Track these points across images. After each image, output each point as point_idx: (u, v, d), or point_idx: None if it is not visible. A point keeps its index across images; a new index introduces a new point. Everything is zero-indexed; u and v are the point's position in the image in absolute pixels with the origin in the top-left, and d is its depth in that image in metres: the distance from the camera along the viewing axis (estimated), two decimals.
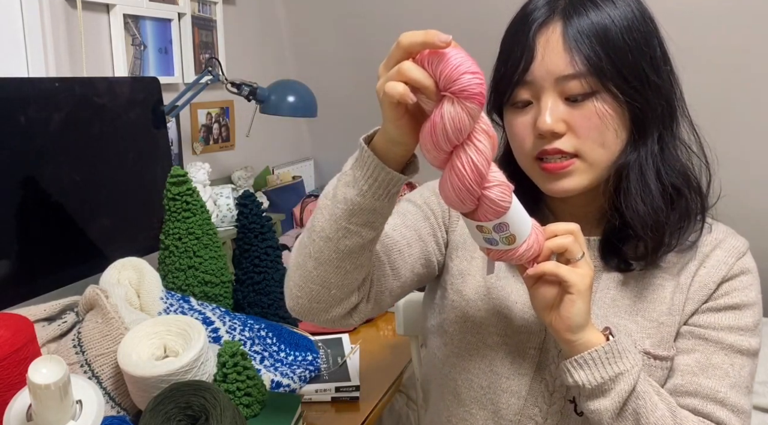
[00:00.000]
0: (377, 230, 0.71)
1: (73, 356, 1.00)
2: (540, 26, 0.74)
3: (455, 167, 0.60)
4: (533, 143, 0.76)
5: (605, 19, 0.73)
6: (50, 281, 1.22)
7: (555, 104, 0.73)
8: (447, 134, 0.58)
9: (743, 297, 0.79)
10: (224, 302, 1.29)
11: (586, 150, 0.74)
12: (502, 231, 0.65)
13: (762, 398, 1.51)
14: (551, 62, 0.73)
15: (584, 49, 0.72)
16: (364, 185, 0.66)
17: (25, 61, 1.40)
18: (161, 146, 1.52)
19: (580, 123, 0.73)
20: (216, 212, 1.79)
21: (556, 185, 0.76)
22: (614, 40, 0.72)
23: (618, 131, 0.75)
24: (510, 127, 0.79)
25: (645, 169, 0.76)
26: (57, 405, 0.74)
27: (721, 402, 0.75)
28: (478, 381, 0.83)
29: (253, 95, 1.64)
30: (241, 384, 0.97)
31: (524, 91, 0.76)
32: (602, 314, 0.81)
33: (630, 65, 0.73)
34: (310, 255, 0.72)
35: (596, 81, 0.72)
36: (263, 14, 2.33)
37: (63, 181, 1.24)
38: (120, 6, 1.60)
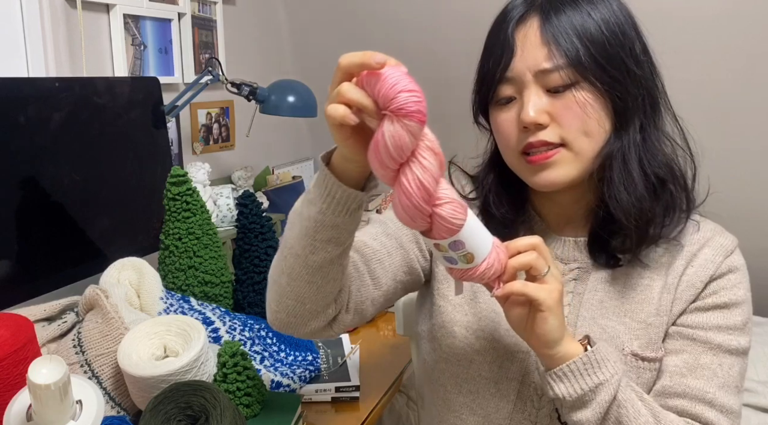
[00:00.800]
0: (344, 245, 0.71)
1: (73, 356, 1.00)
2: (518, 22, 0.76)
3: (402, 185, 0.60)
4: (518, 138, 0.77)
5: (582, 13, 0.75)
6: (50, 281, 1.22)
7: (537, 97, 0.75)
8: (389, 153, 0.58)
9: (731, 296, 0.79)
10: (224, 302, 1.29)
11: (570, 139, 0.75)
12: (459, 249, 0.64)
13: (762, 398, 1.51)
14: (530, 57, 0.74)
15: (562, 41, 0.73)
16: (323, 204, 0.67)
17: (25, 61, 1.40)
18: (161, 146, 1.52)
19: (563, 113, 0.74)
20: (216, 212, 1.79)
21: (542, 178, 0.77)
22: (592, 32, 0.74)
23: (600, 121, 0.76)
24: (496, 124, 0.80)
25: (627, 158, 0.77)
26: (57, 405, 0.74)
27: (710, 403, 0.75)
28: (467, 386, 0.83)
29: (253, 95, 1.64)
30: (241, 384, 0.97)
31: (507, 88, 0.77)
32: (590, 316, 0.81)
33: (608, 56, 0.74)
34: (283, 271, 0.74)
35: (575, 72, 0.73)
36: (263, 14, 2.33)
37: (63, 181, 1.24)
38: (120, 6, 1.60)
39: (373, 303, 0.83)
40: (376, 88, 0.58)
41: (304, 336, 0.78)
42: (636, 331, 0.79)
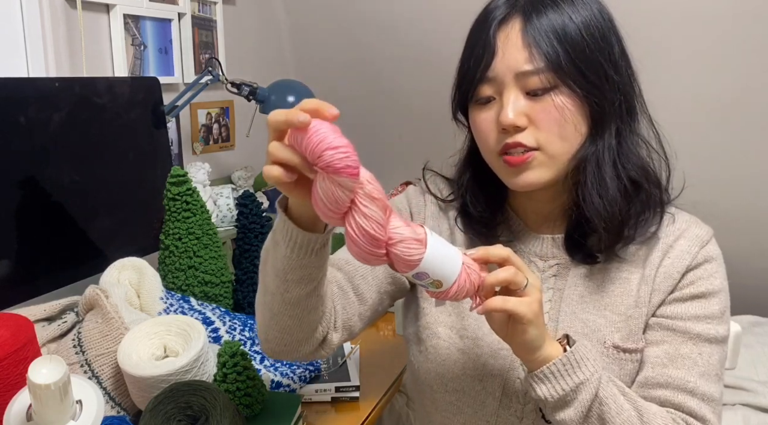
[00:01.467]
0: (316, 280, 0.72)
1: (73, 356, 1.00)
2: (500, 23, 0.76)
3: (348, 233, 0.61)
4: (496, 138, 0.78)
5: (564, 16, 0.75)
6: (50, 281, 1.22)
7: (516, 99, 0.75)
8: (327, 206, 0.59)
9: (708, 286, 0.80)
10: (224, 302, 1.29)
11: (546, 143, 0.76)
12: (424, 279, 0.65)
13: (762, 398, 1.51)
14: (511, 58, 0.75)
15: (543, 45, 0.74)
16: (287, 248, 0.68)
17: (25, 61, 1.40)
18: (161, 146, 1.52)
19: (541, 116, 0.75)
20: (216, 212, 1.79)
21: (519, 179, 0.78)
22: (572, 37, 0.74)
23: (577, 125, 0.76)
24: (474, 123, 0.81)
25: (601, 162, 0.78)
26: (57, 405, 0.74)
27: (692, 392, 0.76)
28: (453, 385, 0.84)
29: (253, 95, 1.64)
30: (241, 384, 0.97)
31: (487, 88, 0.78)
32: (570, 310, 0.82)
33: (588, 61, 0.75)
34: (264, 306, 0.76)
35: (554, 76, 0.74)
36: (263, 14, 2.33)
37: (63, 181, 1.24)
38: (120, 6, 1.60)
39: (361, 318, 0.85)
40: (303, 145, 0.57)
41: (297, 360, 0.80)
42: (617, 324, 0.80)
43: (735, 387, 1.55)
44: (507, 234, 0.88)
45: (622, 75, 0.78)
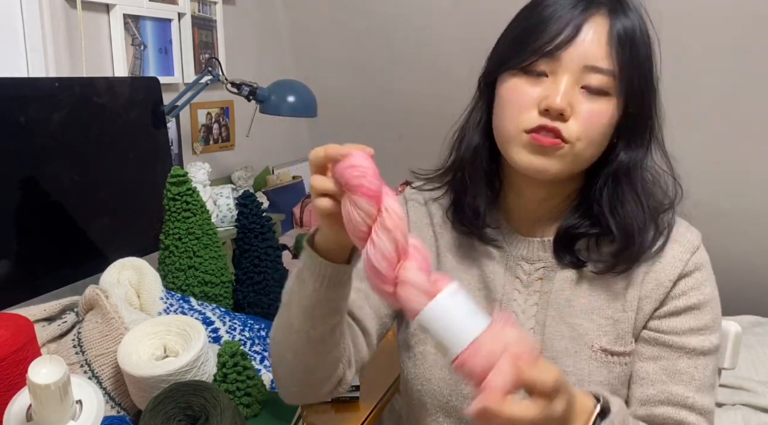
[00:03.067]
0: (340, 313, 0.75)
1: (73, 356, 1.00)
2: (588, 13, 0.74)
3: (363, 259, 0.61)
4: (534, 116, 0.74)
5: (638, 26, 0.75)
6: (50, 281, 1.22)
7: (571, 88, 0.74)
8: (349, 228, 0.61)
9: (700, 296, 0.80)
10: (224, 302, 1.29)
11: (578, 141, 0.74)
12: (426, 333, 0.59)
13: (762, 398, 1.51)
14: (590, 49, 0.73)
15: (624, 50, 0.73)
16: (315, 283, 0.70)
17: (25, 61, 1.40)
18: (161, 146, 1.52)
19: (587, 116, 0.74)
20: (216, 212, 1.79)
21: (540, 161, 0.75)
22: (641, 50, 0.75)
23: (607, 137, 0.77)
24: (510, 93, 0.77)
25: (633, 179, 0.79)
26: (57, 405, 0.74)
27: (691, 407, 0.77)
28: (440, 389, 0.84)
29: (253, 95, 1.64)
30: (241, 384, 0.97)
31: (546, 64, 0.74)
32: (558, 315, 0.82)
33: (645, 77, 0.76)
34: (287, 347, 0.77)
35: (620, 84, 0.74)
36: (263, 14, 2.33)
37: (63, 181, 1.24)
38: (120, 6, 1.60)
39: (369, 347, 0.87)
40: (337, 172, 0.61)
41: (316, 400, 0.82)
42: (604, 327, 0.80)
43: (735, 387, 1.55)
44: (494, 235, 0.86)
45: (656, 100, 0.79)
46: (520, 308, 0.84)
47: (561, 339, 0.81)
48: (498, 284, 0.85)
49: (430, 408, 0.86)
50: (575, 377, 0.79)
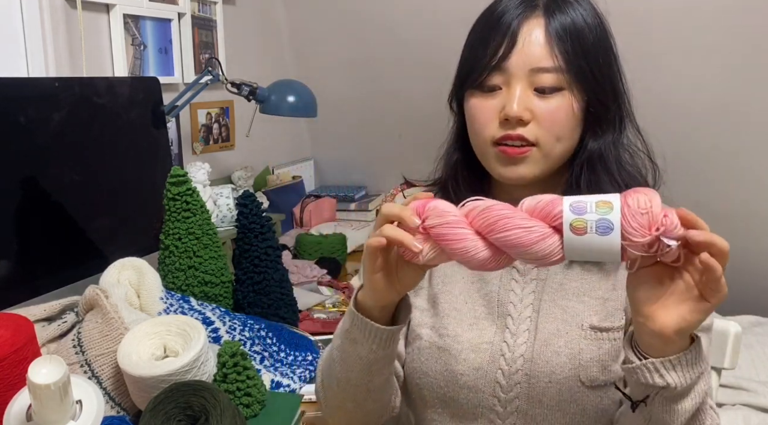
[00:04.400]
0: (394, 361, 0.81)
1: (73, 356, 1.00)
2: (523, 18, 0.77)
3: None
4: (496, 128, 0.79)
5: (581, 19, 0.77)
6: (50, 281, 1.22)
7: (525, 93, 0.77)
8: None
9: None
10: (224, 302, 1.29)
11: (544, 141, 0.77)
12: (582, 211, 0.59)
13: (762, 398, 1.51)
14: (531, 53, 0.76)
15: (564, 45, 0.76)
16: (371, 344, 0.74)
17: (25, 61, 1.40)
18: (161, 146, 1.52)
19: (546, 115, 0.77)
20: (216, 212, 1.79)
21: (511, 171, 0.80)
22: (588, 41, 0.77)
23: (574, 129, 0.79)
24: (474, 110, 0.81)
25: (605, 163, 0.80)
26: (57, 405, 0.74)
27: None
28: (437, 382, 0.86)
29: (253, 95, 1.64)
30: (241, 384, 0.97)
31: (497, 77, 0.78)
32: (550, 298, 0.84)
33: (599, 66, 0.78)
34: (346, 399, 0.81)
35: (569, 78, 0.76)
36: (263, 14, 2.33)
37: (63, 181, 1.24)
38: (120, 6, 1.60)
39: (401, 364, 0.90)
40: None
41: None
42: (594, 307, 0.82)
43: (735, 387, 1.55)
44: None
45: (621, 82, 0.81)
46: (517, 297, 0.85)
47: (554, 321, 0.82)
48: (494, 276, 0.87)
49: (429, 400, 0.87)
50: (567, 356, 0.80)
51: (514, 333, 0.83)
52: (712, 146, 1.96)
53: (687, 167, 2.02)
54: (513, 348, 0.82)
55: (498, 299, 0.86)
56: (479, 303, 0.86)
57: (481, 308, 0.86)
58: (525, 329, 0.83)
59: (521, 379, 0.81)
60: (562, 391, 0.79)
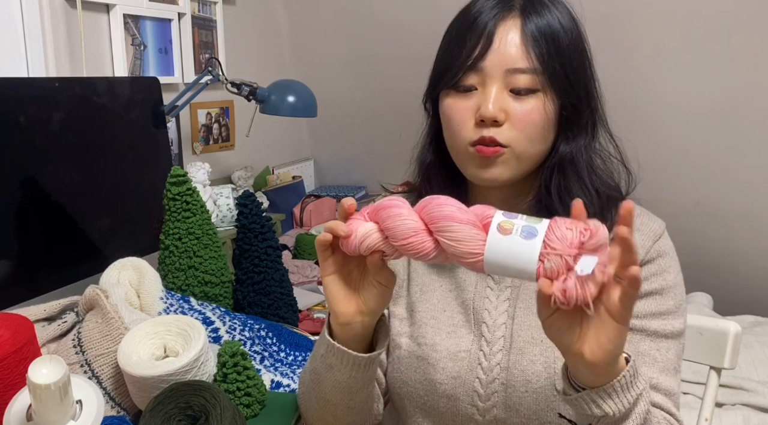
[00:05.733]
0: (375, 379, 0.81)
1: (73, 356, 1.00)
2: (500, 18, 0.77)
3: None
4: (472, 128, 0.78)
5: (557, 22, 0.77)
6: (50, 281, 1.22)
7: (500, 94, 0.77)
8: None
9: (662, 282, 0.81)
10: (224, 302, 1.29)
11: (517, 143, 0.77)
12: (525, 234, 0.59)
13: (762, 398, 1.51)
14: (507, 53, 0.76)
15: (540, 47, 0.76)
16: (351, 370, 0.74)
17: (25, 61, 1.40)
18: (161, 146, 1.52)
19: (520, 117, 0.77)
20: (216, 212, 1.79)
21: (486, 172, 0.79)
22: (563, 43, 0.77)
23: (548, 131, 0.79)
24: (449, 110, 0.81)
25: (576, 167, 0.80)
26: (57, 405, 0.74)
27: (655, 388, 0.78)
28: (416, 391, 0.86)
29: (253, 95, 1.64)
30: (241, 384, 0.97)
31: (472, 77, 0.78)
32: (525, 306, 0.84)
33: (574, 69, 0.78)
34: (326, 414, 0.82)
35: (545, 79, 0.76)
36: (263, 14, 2.33)
37: (63, 181, 1.24)
38: (120, 6, 1.60)
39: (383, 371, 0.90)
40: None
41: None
42: None
43: (735, 387, 1.55)
44: None
45: (595, 87, 0.82)
46: (492, 304, 0.85)
47: (528, 329, 0.82)
48: (469, 284, 0.87)
49: (409, 410, 0.88)
50: (542, 364, 0.80)
51: (490, 340, 0.83)
52: (712, 145, 1.96)
53: (687, 167, 2.02)
54: (489, 357, 0.83)
55: (473, 307, 0.86)
56: (456, 311, 0.86)
57: (458, 316, 0.86)
58: (500, 336, 0.83)
59: (498, 388, 0.81)
60: (538, 400, 0.80)
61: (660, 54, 1.86)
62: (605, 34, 1.96)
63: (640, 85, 1.92)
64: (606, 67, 0.85)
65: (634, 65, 1.89)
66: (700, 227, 2.06)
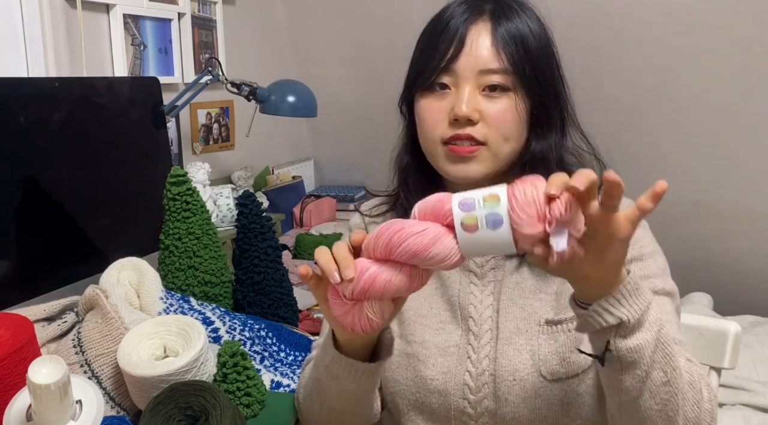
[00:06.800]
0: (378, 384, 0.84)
1: (73, 356, 1.00)
2: (471, 22, 0.81)
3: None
4: (446, 128, 0.81)
5: (525, 26, 0.81)
6: (50, 281, 1.22)
7: (473, 94, 0.80)
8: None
9: (639, 249, 0.82)
10: (224, 302, 1.29)
11: (492, 140, 0.80)
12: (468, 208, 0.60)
13: (762, 398, 1.51)
14: (478, 55, 0.80)
15: (509, 48, 0.80)
16: (359, 379, 0.76)
17: (25, 61, 1.40)
18: (161, 146, 1.52)
19: (494, 115, 0.80)
20: (216, 212, 1.79)
21: (461, 170, 0.82)
22: (532, 46, 0.81)
23: (521, 129, 0.82)
24: (424, 111, 0.84)
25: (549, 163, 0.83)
26: (57, 405, 0.74)
27: None
28: (408, 389, 0.87)
29: (253, 95, 1.64)
30: (241, 384, 0.97)
31: (446, 78, 0.82)
32: (508, 298, 0.85)
33: (542, 70, 0.82)
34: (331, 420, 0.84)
35: (515, 79, 0.80)
36: (263, 14, 2.33)
37: (63, 181, 1.24)
38: (120, 6, 1.60)
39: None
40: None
41: None
42: (550, 303, 0.84)
43: (735, 387, 1.55)
44: None
45: (563, 87, 0.85)
46: (477, 299, 0.87)
47: (513, 320, 0.84)
48: (453, 281, 0.89)
49: (402, 408, 0.89)
50: (528, 353, 0.82)
51: (477, 334, 0.85)
52: (712, 145, 1.96)
53: (687, 167, 2.02)
54: (478, 350, 0.84)
55: (459, 303, 0.87)
56: (443, 308, 0.88)
57: (445, 313, 0.88)
58: (487, 329, 0.85)
59: (488, 380, 0.83)
60: (526, 388, 0.81)
61: (660, 54, 1.86)
62: (605, 34, 1.97)
63: (640, 85, 1.92)
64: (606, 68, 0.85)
65: (634, 65, 1.89)
66: (700, 227, 2.07)
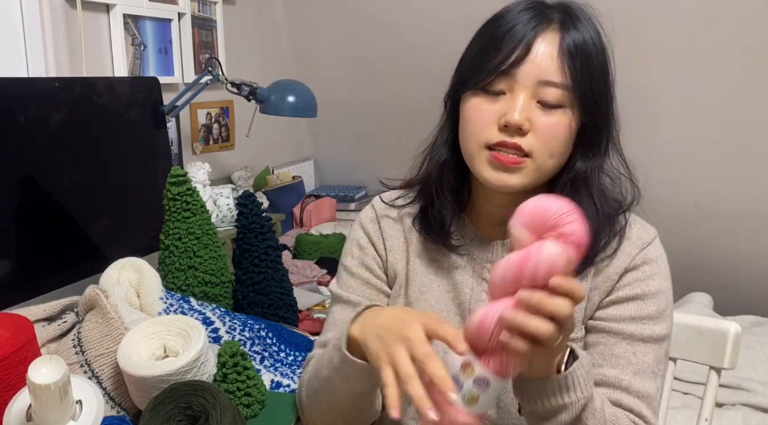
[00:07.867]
0: None
1: (73, 356, 1.00)
2: (539, 30, 0.77)
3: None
4: (493, 132, 0.78)
5: (590, 41, 0.78)
6: (50, 281, 1.22)
7: (528, 103, 0.77)
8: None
9: (644, 288, 0.81)
10: (224, 302, 1.29)
11: (538, 154, 0.77)
12: (480, 386, 0.64)
13: (762, 398, 1.51)
14: (542, 64, 0.76)
15: (574, 63, 0.76)
16: (367, 382, 0.77)
17: (25, 61, 1.40)
18: (161, 146, 1.52)
19: (545, 129, 0.77)
20: (216, 212, 1.79)
21: (501, 178, 0.79)
22: (594, 63, 0.78)
23: (567, 147, 0.79)
24: (471, 111, 0.81)
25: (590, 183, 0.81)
26: (57, 405, 0.74)
27: (626, 389, 0.78)
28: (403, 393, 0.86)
29: (253, 95, 1.64)
30: (241, 384, 0.97)
31: (503, 82, 0.78)
32: None
33: (600, 90, 0.78)
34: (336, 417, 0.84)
35: (574, 97, 0.77)
36: (263, 14, 2.33)
37: (63, 181, 1.24)
38: (120, 6, 1.60)
39: None
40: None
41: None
42: None
43: (735, 387, 1.55)
44: (460, 239, 0.89)
45: (613, 108, 0.82)
46: None
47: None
48: (466, 287, 0.88)
49: (406, 408, 0.88)
50: None
51: None
52: (711, 145, 1.96)
53: (687, 167, 2.02)
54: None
55: (470, 309, 0.87)
56: (453, 312, 0.88)
57: (454, 318, 0.88)
58: None
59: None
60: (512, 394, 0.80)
61: (660, 54, 1.86)
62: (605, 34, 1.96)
63: (640, 85, 1.92)
64: None
65: (634, 65, 1.89)
66: (700, 227, 2.07)
